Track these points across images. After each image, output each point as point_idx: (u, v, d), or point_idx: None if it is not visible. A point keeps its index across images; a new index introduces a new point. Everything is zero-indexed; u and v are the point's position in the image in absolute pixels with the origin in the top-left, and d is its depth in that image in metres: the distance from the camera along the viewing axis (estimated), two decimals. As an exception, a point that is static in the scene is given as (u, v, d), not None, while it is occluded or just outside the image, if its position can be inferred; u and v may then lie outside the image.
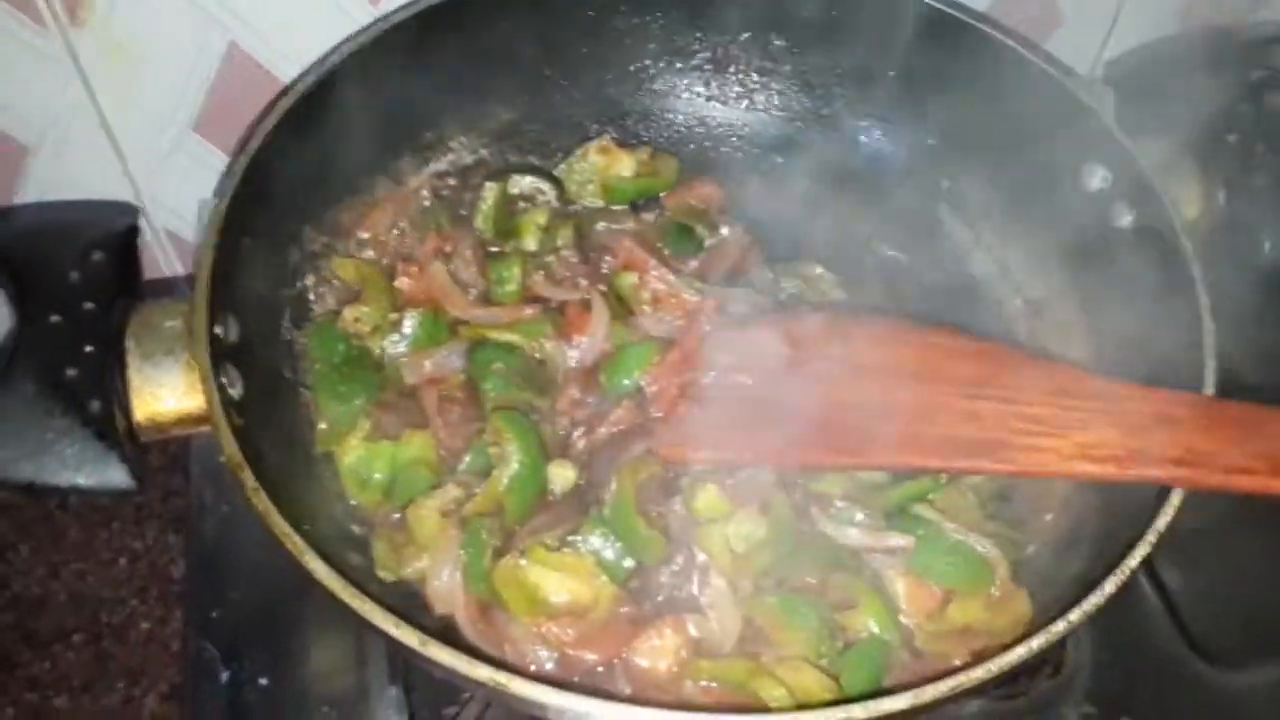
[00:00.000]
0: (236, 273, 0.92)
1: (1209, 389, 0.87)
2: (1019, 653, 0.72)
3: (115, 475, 0.80)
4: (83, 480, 0.79)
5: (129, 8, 1.09)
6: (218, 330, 0.87)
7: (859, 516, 0.91)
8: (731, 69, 1.26)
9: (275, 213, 1.00)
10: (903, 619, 0.88)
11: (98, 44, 1.11)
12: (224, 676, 1.01)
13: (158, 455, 1.27)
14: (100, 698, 1.11)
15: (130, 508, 1.25)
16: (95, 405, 0.80)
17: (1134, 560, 0.76)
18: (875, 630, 0.85)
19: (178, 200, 1.29)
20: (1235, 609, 1.07)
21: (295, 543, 0.75)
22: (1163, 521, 0.78)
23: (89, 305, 0.84)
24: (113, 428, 0.80)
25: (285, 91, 1.02)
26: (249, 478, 0.77)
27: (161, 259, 1.37)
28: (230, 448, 0.79)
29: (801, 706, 0.77)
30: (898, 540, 0.89)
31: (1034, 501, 0.98)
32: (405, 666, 0.99)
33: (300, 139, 1.00)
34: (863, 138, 1.23)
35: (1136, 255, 1.00)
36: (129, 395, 0.84)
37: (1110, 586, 0.75)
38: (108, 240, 0.87)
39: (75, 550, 1.20)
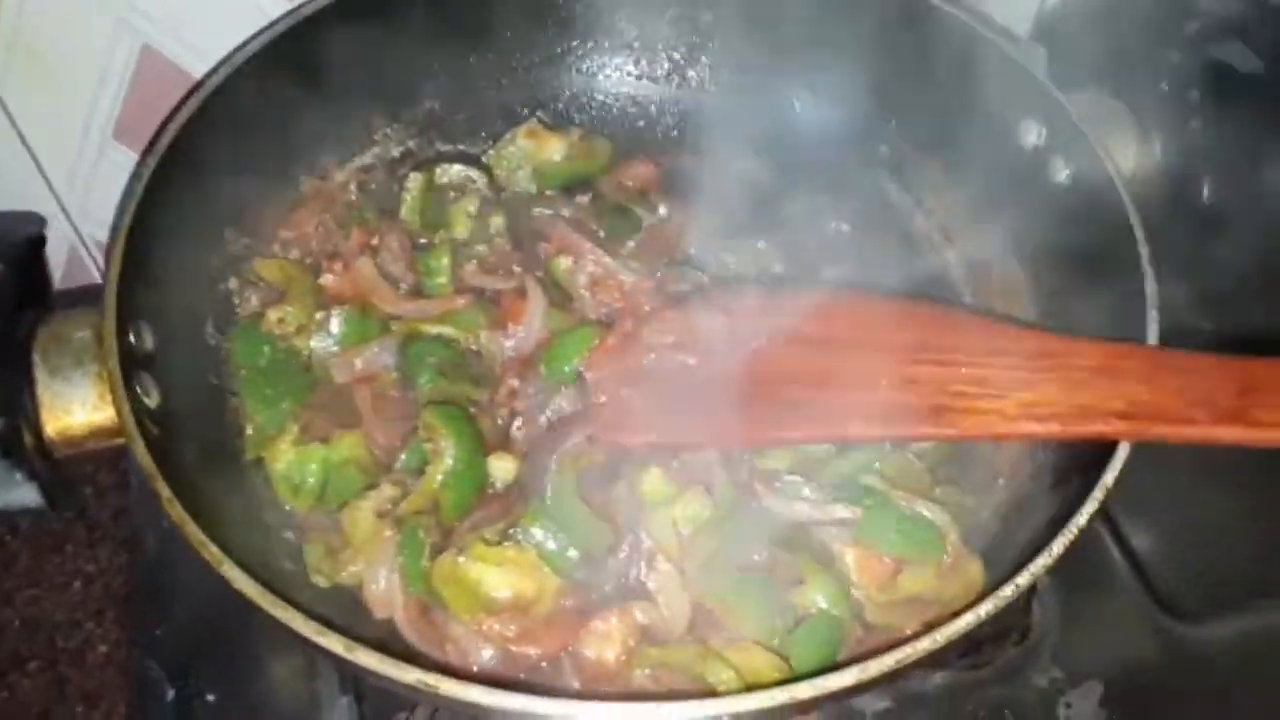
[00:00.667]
0: (150, 279, 0.89)
1: (1151, 339, 0.85)
2: (967, 620, 0.70)
3: (23, 494, 0.77)
4: (-12, 500, 0.76)
5: (37, 12, 1.06)
6: (130, 339, 0.84)
7: (806, 490, 0.89)
8: (660, 46, 1.24)
9: (190, 215, 0.97)
10: (854, 591, 0.86)
11: (5, 50, 1.08)
12: (170, 695, 0.98)
13: (107, 474, 1.25)
14: None
15: (82, 529, 1.23)
16: (-1, 423, 0.77)
17: (1082, 519, 0.74)
18: (824, 605, 0.83)
19: (105, 211, 1.25)
20: (1201, 563, 1.06)
21: (212, 552, 0.72)
22: (1110, 476, 0.76)
23: (-10, 319, 0.80)
24: (18, 444, 0.77)
25: (196, 88, 0.99)
26: (163, 488, 0.74)
27: (95, 271, 1.34)
28: (143, 459, 0.76)
29: (749, 688, 0.75)
30: (844, 512, 0.87)
31: (984, 466, 0.96)
32: (355, 676, 0.97)
33: (214, 137, 0.97)
34: (797, 108, 1.21)
35: (1075, 209, 0.98)
36: (38, 410, 0.81)
37: (1058, 547, 0.73)
38: (10, 251, 0.84)
39: (27, 575, 1.18)
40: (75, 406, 0.82)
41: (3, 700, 1.10)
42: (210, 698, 0.98)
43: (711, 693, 0.76)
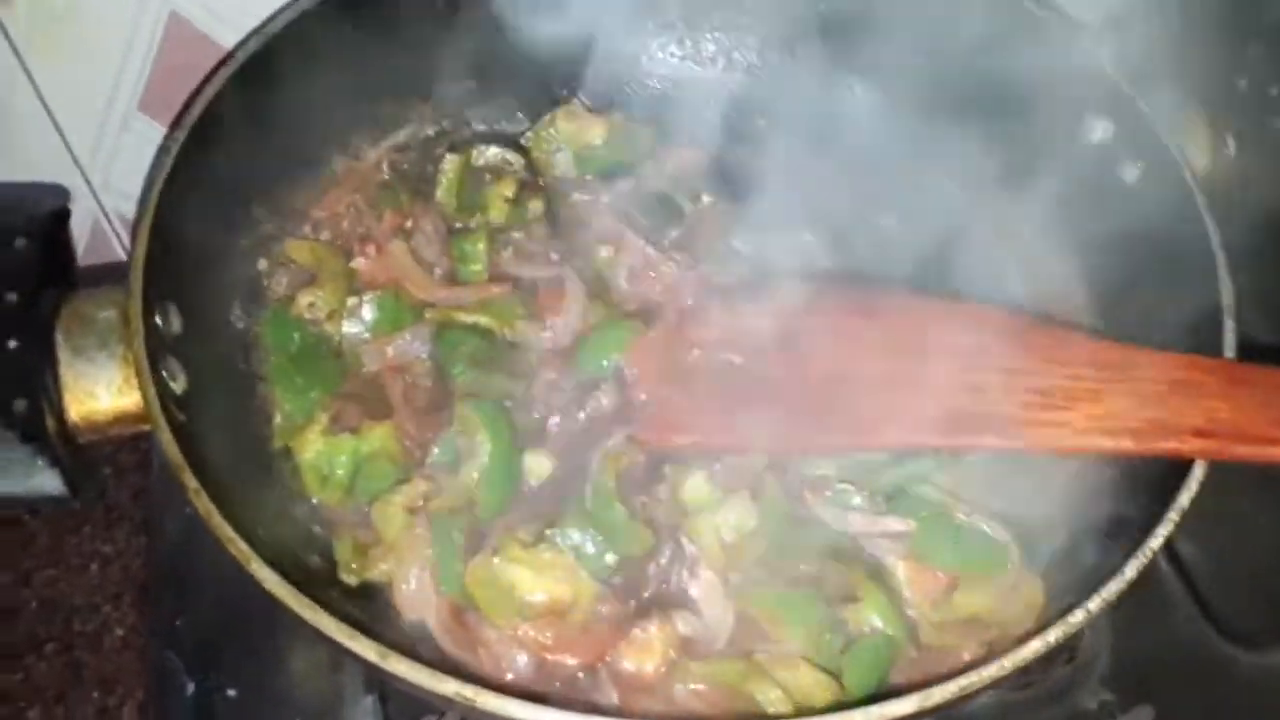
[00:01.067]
0: (178, 258, 0.86)
1: (1229, 352, 0.81)
2: (1034, 646, 0.66)
3: (46, 481, 0.74)
4: (9, 487, 0.73)
5: (62, -22, 1.03)
6: (157, 320, 0.81)
7: (856, 500, 0.85)
8: (705, 27, 1.19)
9: (219, 192, 0.93)
10: (907, 610, 0.82)
11: (30, 17, 1.04)
12: (189, 688, 0.96)
13: (128, 455, 1.24)
14: (75, 708, 1.08)
15: (100, 510, 1.22)
16: (20, 405, 0.74)
17: (1156, 541, 0.71)
18: (879, 625, 0.80)
19: (129, 184, 1.23)
20: (1259, 586, 1.02)
21: (240, 549, 0.69)
22: (1185, 498, 0.73)
23: (11, 296, 0.77)
24: (41, 429, 0.74)
25: (227, 59, 0.95)
26: (189, 479, 0.71)
27: (119, 247, 1.31)
28: (169, 448, 0.73)
29: (800, 711, 0.71)
30: (898, 524, 0.83)
31: (1043, 480, 0.92)
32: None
33: (245, 111, 0.94)
34: (849, 96, 1.16)
35: (1143, 211, 0.94)
36: (61, 393, 0.78)
37: (1131, 571, 0.69)
38: (32, 226, 0.81)
39: (45, 557, 1.17)
40: (99, 389, 0.79)
41: (18, 682, 1.10)
42: (231, 692, 0.96)
43: (760, 713, 0.73)
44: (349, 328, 0.96)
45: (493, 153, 1.09)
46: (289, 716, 0.94)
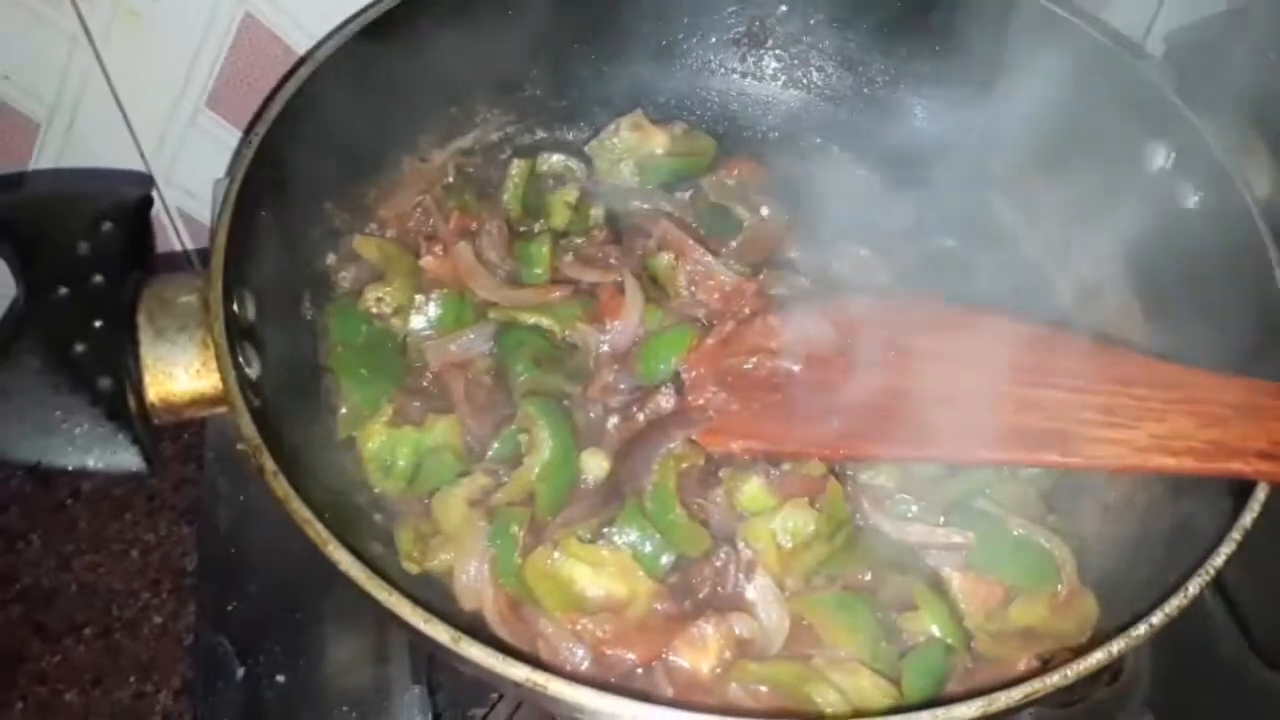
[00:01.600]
0: (254, 248, 0.87)
1: (1291, 378, 0.81)
2: (1098, 657, 0.67)
3: (126, 457, 0.75)
4: (92, 462, 0.74)
5: (142, -26, 1.05)
6: (234, 307, 0.82)
7: (914, 510, 0.86)
8: (768, 44, 1.21)
9: (294, 187, 0.95)
10: (963, 621, 0.82)
11: (111, 12, 1.07)
12: (239, 673, 0.96)
13: (170, 444, 1.25)
14: (111, 692, 1.09)
15: (142, 498, 1.23)
16: (105, 383, 0.76)
17: (1219, 559, 0.71)
18: (937, 634, 0.80)
19: (191, 179, 1.25)
20: (1304, 613, 1.01)
21: (318, 531, 0.70)
22: (1249, 518, 0.73)
23: (98, 278, 0.79)
24: (123, 407, 0.76)
25: (303, 61, 0.98)
26: (268, 461, 0.72)
27: (176, 240, 1.33)
28: (249, 429, 0.74)
29: (859, 713, 0.72)
30: (957, 536, 0.83)
31: (1097, 497, 0.93)
32: (429, 664, 0.95)
33: (319, 112, 0.96)
34: (908, 117, 1.18)
35: (1204, 237, 0.94)
36: (141, 374, 0.79)
37: (1194, 587, 0.70)
38: (119, 211, 0.82)
39: (86, 541, 1.18)
40: (179, 372, 0.80)
41: (56, 664, 1.11)
42: (279, 678, 0.96)
43: (818, 714, 0.73)
44: (414, 324, 0.97)
45: (557, 160, 1.11)
46: (336, 704, 0.94)
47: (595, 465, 0.91)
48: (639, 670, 0.81)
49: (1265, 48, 1.00)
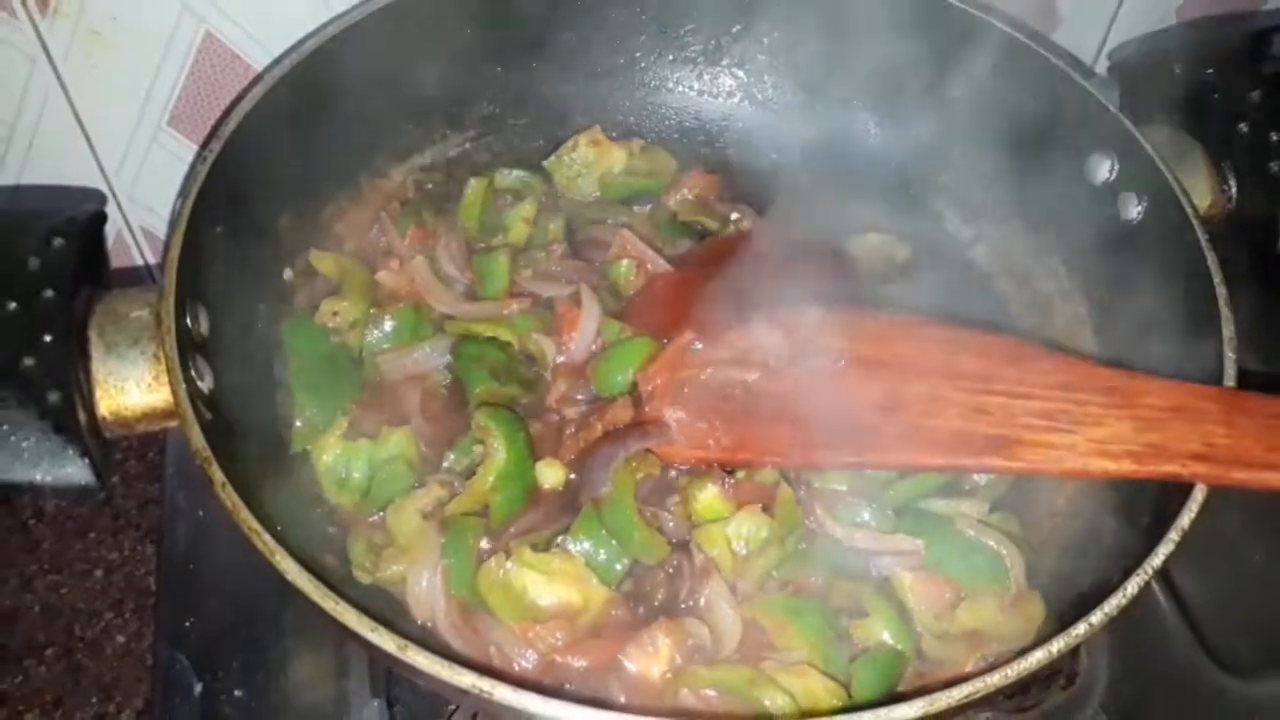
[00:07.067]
0: (208, 263, 0.88)
1: (1229, 382, 0.83)
2: (1038, 656, 0.67)
3: (75, 471, 0.75)
4: (39, 475, 0.74)
5: (102, -6, 1.05)
6: (187, 321, 0.82)
7: (865, 514, 0.87)
8: (724, 62, 1.23)
9: (249, 203, 0.96)
10: (911, 622, 0.83)
11: (71, 32, 1.07)
12: (197, 689, 0.97)
13: (135, 462, 1.25)
14: (73, 713, 1.07)
15: (107, 517, 1.22)
16: (53, 397, 0.76)
17: (1157, 560, 0.72)
18: (888, 640, 0.81)
19: (153, 197, 1.25)
20: (1255, 616, 1.03)
21: (265, 541, 0.70)
22: (1186, 519, 0.74)
23: (49, 293, 0.79)
24: (73, 421, 0.76)
25: (260, 77, 0.98)
26: (216, 473, 0.73)
27: (139, 257, 1.33)
28: (197, 441, 0.74)
29: (807, 714, 0.72)
30: (907, 544, 0.84)
31: (1045, 502, 0.94)
32: (388, 678, 0.95)
33: (275, 128, 0.97)
34: (860, 132, 1.20)
35: (1147, 247, 0.97)
36: (92, 387, 0.79)
37: (1133, 587, 0.71)
38: (70, 227, 0.82)
39: (49, 561, 1.17)
40: (130, 385, 0.80)
41: (17, 685, 1.09)
42: (238, 693, 0.96)
43: (767, 717, 0.74)
44: (370, 338, 0.98)
45: (515, 175, 1.12)
46: (295, 719, 0.95)
47: (551, 475, 0.91)
48: (591, 677, 0.81)
49: (1202, 64, 1.02)
